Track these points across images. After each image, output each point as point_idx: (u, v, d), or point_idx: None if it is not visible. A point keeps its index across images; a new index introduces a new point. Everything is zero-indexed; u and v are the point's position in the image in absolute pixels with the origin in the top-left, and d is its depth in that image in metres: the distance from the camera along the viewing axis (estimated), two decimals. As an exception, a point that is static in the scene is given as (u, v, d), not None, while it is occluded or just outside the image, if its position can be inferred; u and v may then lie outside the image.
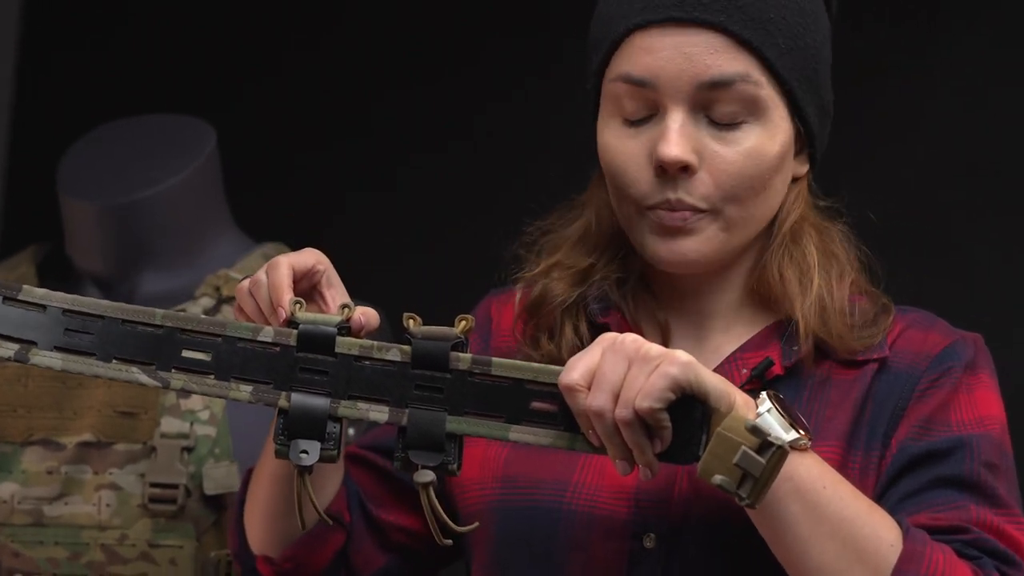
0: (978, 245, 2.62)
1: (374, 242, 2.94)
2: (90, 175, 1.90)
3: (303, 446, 1.35)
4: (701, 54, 1.42)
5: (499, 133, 2.92)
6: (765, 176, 1.45)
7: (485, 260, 1.74)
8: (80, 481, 1.78)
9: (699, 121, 1.43)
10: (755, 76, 1.43)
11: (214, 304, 1.85)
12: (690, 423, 1.32)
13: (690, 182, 1.43)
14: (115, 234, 1.88)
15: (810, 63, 1.47)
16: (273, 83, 3.01)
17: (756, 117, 1.44)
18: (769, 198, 1.47)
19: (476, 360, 1.36)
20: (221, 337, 1.37)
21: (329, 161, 3.00)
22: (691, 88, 1.43)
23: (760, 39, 1.43)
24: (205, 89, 2.94)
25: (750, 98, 1.43)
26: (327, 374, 1.36)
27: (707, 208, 1.44)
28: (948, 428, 1.43)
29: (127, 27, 3.06)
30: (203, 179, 1.91)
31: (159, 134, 1.93)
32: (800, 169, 1.51)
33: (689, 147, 1.43)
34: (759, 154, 1.44)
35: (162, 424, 1.78)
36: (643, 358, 1.32)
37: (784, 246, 1.49)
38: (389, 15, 3.01)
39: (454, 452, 1.35)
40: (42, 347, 1.37)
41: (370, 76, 3.01)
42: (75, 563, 1.77)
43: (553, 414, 1.35)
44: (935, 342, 1.48)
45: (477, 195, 2.92)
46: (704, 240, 1.45)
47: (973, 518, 1.39)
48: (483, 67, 2.95)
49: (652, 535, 1.43)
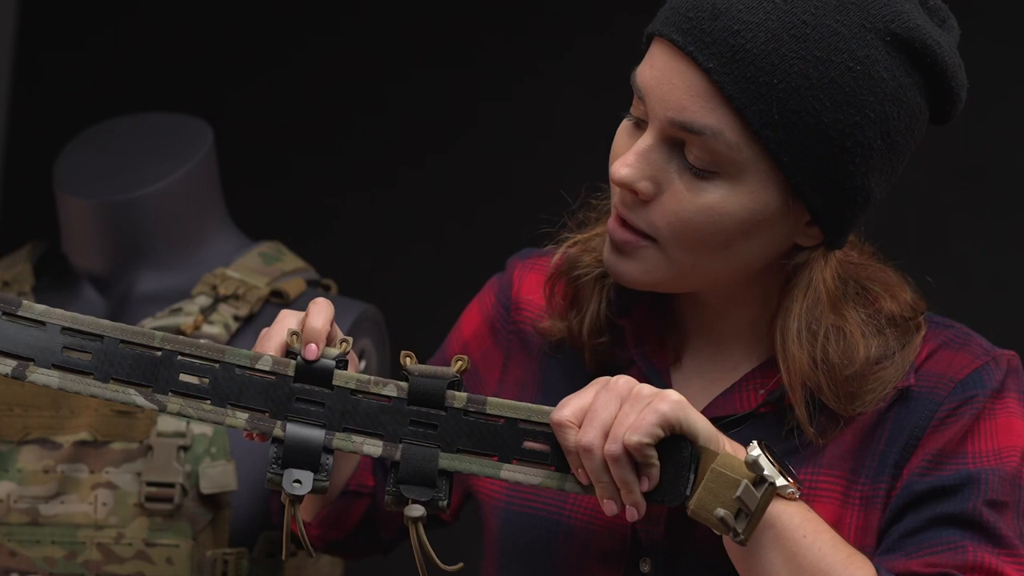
0: (978, 245, 2.62)
1: (371, 241, 2.94)
2: (87, 173, 1.90)
3: (296, 475, 1.36)
4: (682, 91, 1.33)
5: (499, 133, 2.92)
6: (723, 235, 1.35)
7: (483, 260, 1.73)
8: (76, 480, 1.78)
9: (672, 152, 1.35)
10: (728, 136, 1.32)
11: (211, 302, 1.85)
12: (679, 462, 1.33)
13: (642, 207, 1.37)
14: (112, 232, 1.88)
15: (823, 144, 1.32)
16: (269, 82, 3.01)
17: (727, 174, 1.34)
18: (731, 258, 1.37)
19: (471, 399, 1.37)
20: (219, 363, 1.37)
21: (326, 160, 3.00)
22: (665, 119, 1.35)
23: (746, 101, 1.31)
24: (202, 87, 2.94)
25: (720, 155, 1.33)
26: (323, 406, 1.37)
27: (652, 236, 1.37)
28: (963, 460, 1.39)
29: (124, 25, 3.06)
30: (200, 177, 1.91)
31: (156, 132, 1.93)
32: (807, 240, 1.39)
33: (646, 173, 1.36)
34: (717, 212, 1.34)
35: (159, 423, 1.78)
36: (635, 397, 1.32)
37: (787, 312, 1.40)
38: (388, 14, 3.01)
39: (445, 488, 1.36)
40: (40, 364, 1.37)
41: (368, 75, 3.01)
42: (71, 562, 1.76)
43: (545, 454, 1.37)
44: (961, 365, 1.41)
45: (475, 195, 2.92)
46: (644, 270, 1.39)
47: (970, 560, 1.36)
48: (483, 66, 2.94)
49: (648, 560, 1.43)
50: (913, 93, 1.35)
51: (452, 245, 2.90)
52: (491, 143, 2.92)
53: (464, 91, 2.96)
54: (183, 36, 3.02)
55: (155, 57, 3.01)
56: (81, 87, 2.95)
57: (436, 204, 2.95)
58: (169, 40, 3.02)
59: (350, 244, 2.90)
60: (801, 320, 1.38)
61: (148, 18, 3.05)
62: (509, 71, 2.92)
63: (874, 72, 1.32)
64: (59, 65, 3.05)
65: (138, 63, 3.01)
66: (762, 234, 1.37)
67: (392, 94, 2.99)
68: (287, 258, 1.94)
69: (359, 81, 3.00)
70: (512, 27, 2.93)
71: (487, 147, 2.93)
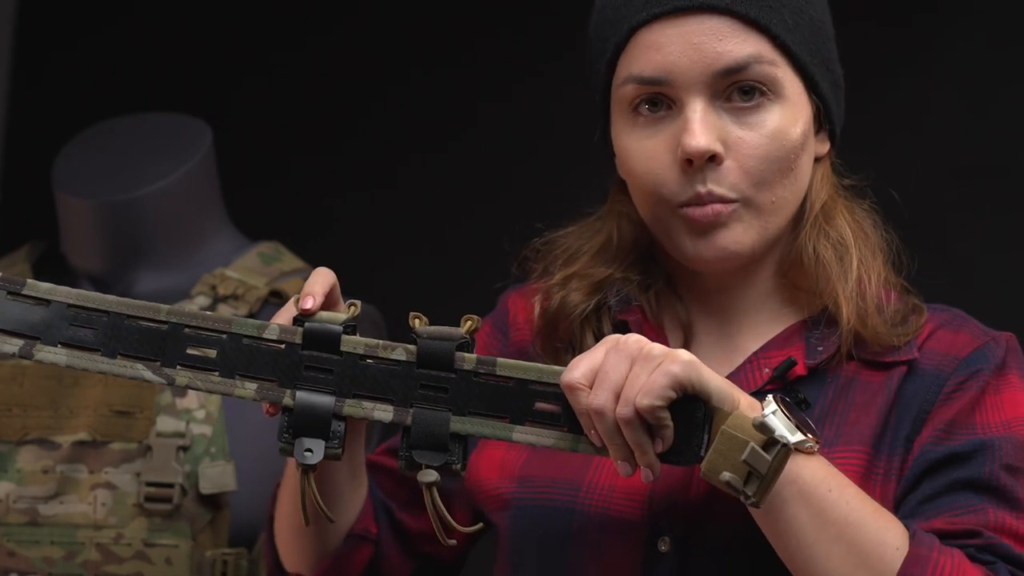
0: (977, 244, 2.62)
1: (371, 241, 2.94)
2: (86, 173, 1.89)
3: (307, 444, 1.34)
4: (710, 41, 1.41)
5: (497, 132, 2.92)
6: (791, 156, 1.42)
7: (483, 260, 1.73)
8: (76, 480, 1.77)
9: (719, 108, 1.42)
10: (768, 55, 1.41)
11: (210, 303, 1.85)
12: (692, 423, 1.32)
13: (718, 172, 1.41)
14: (111, 232, 1.88)
15: (818, 37, 1.45)
16: (269, 82, 3.01)
17: (775, 97, 1.42)
18: (797, 179, 1.44)
19: (481, 360, 1.36)
20: (226, 334, 1.36)
21: (325, 159, 2.99)
22: (706, 77, 1.41)
23: (767, 17, 1.41)
24: (201, 87, 2.94)
25: (767, 78, 1.42)
26: (332, 372, 1.36)
27: (737, 198, 1.42)
28: (972, 430, 1.41)
29: (123, 25, 3.06)
30: (199, 177, 1.91)
31: (155, 132, 1.93)
32: (822, 148, 1.49)
33: (714, 136, 1.41)
34: (782, 134, 1.42)
35: (158, 423, 1.78)
36: (645, 357, 1.31)
37: (818, 226, 1.46)
38: (388, 15, 3.01)
39: (458, 452, 1.35)
40: (46, 342, 1.36)
41: (367, 74, 3.01)
42: (70, 562, 1.76)
43: (556, 415, 1.35)
44: (964, 343, 1.45)
45: (474, 195, 2.92)
46: (742, 231, 1.43)
47: (990, 521, 1.37)
48: (481, 65, 2.94)
49: (667, 538, 1.42)
50: None
51: (452, 245, 2.90)
52: (491, 143, 2.92)
53: (464, 91, 2.95)
54: (183, 36, 3.02)
55: (155, 57, 3.01)
56: (81, 87, 2.95)
57: (436, 204, 2.94)
58: (169, 40, 3.02)
59: (350, 244, 2.90)
60: (829, 235, 1.46)
61: (148, 18, 3.05)
62: (509, 71, 2.92)
63: None
64: (59, 65, 3.05)
65: (138, 63, 3.01)
66: (808, 146, 1.45)
67: (392, 94, 2.99)
68: (286, 258, 1.94)
69: (359, 81, 3.00)
70: (512, 27, 2.93)
71: (487, 147, 2.93)
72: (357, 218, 2.95)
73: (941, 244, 2.58)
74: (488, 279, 1.63)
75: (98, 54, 3.02)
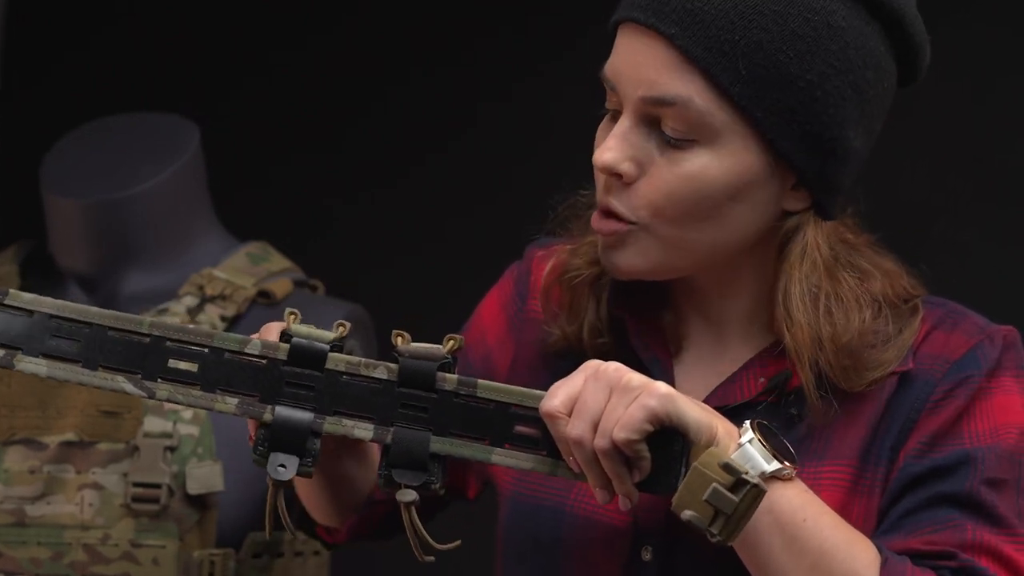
0: (977, 240, 2.61)
1: (370, 241, 2.94)
2: (74, 173, 1.89)
3: (281, 460, 1.34)
4: (649, 67, 1.36)
5: (497, 132, 2.92)
6: (708, 202, 1.36)
7: (483, 260, 1.73)
8: (62, 481, 1.78)
9: (651, 131, 1.37)
10: (700, 102, 1.34)
11: (197, 303, 1.85)
12: (670, 455, 1.32)
13: (625, 192, 1.38)
14: (98, 232, 1.87)
15: (793, 95, 1.35)
16: (268, 81, 3.00)
17: (705, 141, 1.35)
18: (723, 227, 1.38)
19: (462, 381, 1.35)
20: (208, 348, 1.35)
21: (325, 159, 2.99)
22: (637, 99, 1.36)
23: (712, 61, 1.34)
24: (200, 87, 2.93)
25: (695, 123, 1.35)
26: (313, 389, 1.35)
27: (635, 221, 1.38)
28: (959, 440, 1.38)
29: (122, 25, 3.05)
30: (187, 177, 1.90)
31: (143, 132, 1.93)
32: (795, 203, 1.40)
33: (627, 155, 1.37)
34: (700, 179, 1.36)
35: (145, 423, 1.78)
36: (624, 388, 1.30)
37: (788, 277, 1.40)
38: (385, 14, 3.01)
39: (437, 472, 1.35)
40: (27, 353, 1.35)
41: (367, 74, 3.00)
42: (57, 563, 1.76)
43: (536, 439, 1.35)
44: (956, 345, 1.41)
45: (474, 195, 2.91)
46: (636, 254, 1.39)
47: (968, 539, 1.36)
48: (481, 65, 2.94)
49: (649, 548, 1.42)
50: (875, 41, 1.38)
51: (452, 245, 2.89)
52: (491, 143, 2.92)
53: (464, 91, 2.95)
54: (182, 35, 3.02)
55: (154, 57, 3.01)
56: (80, 86, 2.95)
57: (436, 204, 2.94)
58: (168, 40, 3.02)
59: (350, 244, 2.90)
60: (802, 284, 1.39)
61: (147, 18, 3.05)
62: (509, 71, 2.91)
63: (832, 21, 1.36)
64: (46, 65, 3.05)
65: (136, 63, 3.01)
66: (749, 199, 1.38)
67: (392, 94, 2.98)
68: (274, 258, 1.93)
69: (359, 81, 2.99)
70: (512, 27, 2.92)
71: (487, 147, 2.93)
72: (357, 218, 2.95)
73: (938, 238, 2.57)
74: (488, 279, 1.62)
75: (97, 54, 3.02)
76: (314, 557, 1.88)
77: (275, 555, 1.84)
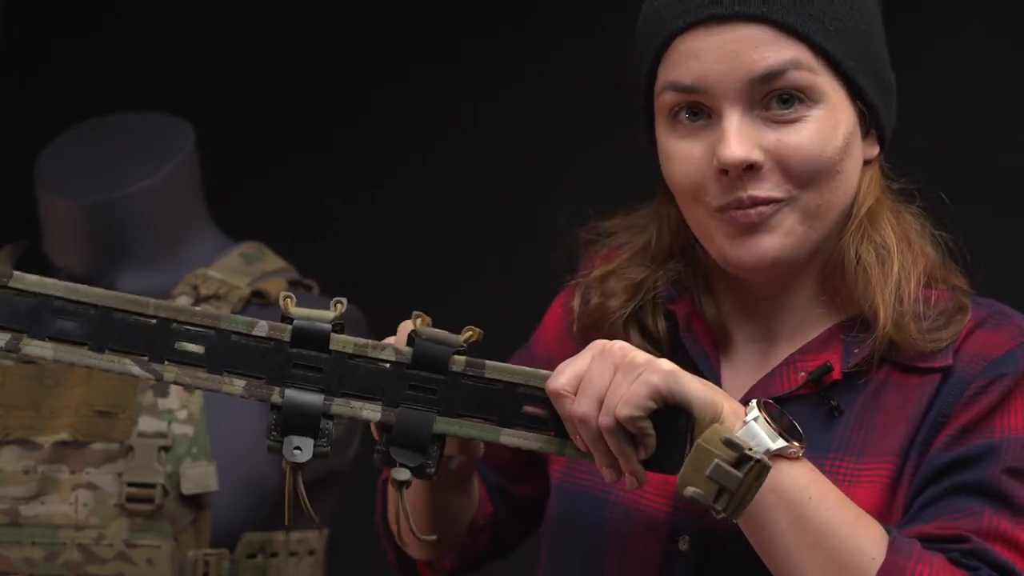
0: (976, 240, 2.61)
1: (370, 241, 2.94)
2: (68, 172, 1.90)
3: (296, 442, 1.34)
4: (747, 49, 1.39)
5: (496, 132, 2.91)
6: (833, 161, 1.41)
7: (482, 260, 1.73)
8: (57, 480, 1.78)
9: (757, 116, 1.40)
10: (806, 62, 1.40)
11: (192, 303, 1.85)
12: (675, 432, 1.32)
13: (758, 177, 1.40)
14: (93, 232, 1.88)
15: (861, 41, 1.43)
16: (267, 81, 3.00)
17: (814, 103, 1.40)
18: (843, 183, 1.42)
19: (470, 362, 1.36)
20: (215, 330, 1.35)
21: (325, 159, 2.99)
22: (743, 85, 1.39)
23: (804, 24, 1.40)
24: (199, 86, 2.93)
25: (804, 85, 1.40)
26: (321, 371, 1.35)
27: (782, 196, 1.40)
28: (990, 433, 1.39)
29: (122, 25, 3.05)
30: (182, 177, 1.91)
31: (137, 132, 1.93)
32: (870, 151, 1.46)
33: (751, 145, 1.39)
34: (823, 139, 1.40)
35: (140, 423, 1.78)
36: (628, 365, 1.31)
37: (863, 230, 1.44)
38: (385, 14, 3.01)
39: (434, 456, 1.35)
40: (34, 336, 1.34)
41: (366, 74, 3.00)
42: (52, 563, 1.76)
43: (544, 419, 1.36)
44: (997, 344, 1.42)
45: (474, 195, 2.91)
46: (784, 235, 1.41)
47: (984, 526, 1.36)
48: (480, 65, 2.94)
49: (687, 537, 1.43)
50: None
51: (451, 245, 2.89)
52: (490, 143, 2.91)
53: (463, 91, 2.95)
54: (180, 35, 3.02)
55: (153, 56, 3.01)
56: (79, 86, 2.95)
57: (435, 204, 2.94)
58: (166, 39, 3.02)
59: (349, 244, 2.90)
60: (873, 238, 1.44)
61: (146, 17, 3.05)
62: (508, 71, 2.91)
63: None
64: (42, 65, 3.05)
65: (135, 62, 3.01)
66: (854, 151, 1.43)
67: (391, 94, 2.98)
68: (268, 258, 1.94)
69: (358, 81, 2.99)
70: (511, 27, 2.92)
71: (486, 147, 2.92)
72: (357, 218, 2.95)
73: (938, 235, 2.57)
74: (486, 279, 1.62)
75: (95, 53, 3.02)
76: (308, 557, 1.88)
77: (270, 555, 1.84)
